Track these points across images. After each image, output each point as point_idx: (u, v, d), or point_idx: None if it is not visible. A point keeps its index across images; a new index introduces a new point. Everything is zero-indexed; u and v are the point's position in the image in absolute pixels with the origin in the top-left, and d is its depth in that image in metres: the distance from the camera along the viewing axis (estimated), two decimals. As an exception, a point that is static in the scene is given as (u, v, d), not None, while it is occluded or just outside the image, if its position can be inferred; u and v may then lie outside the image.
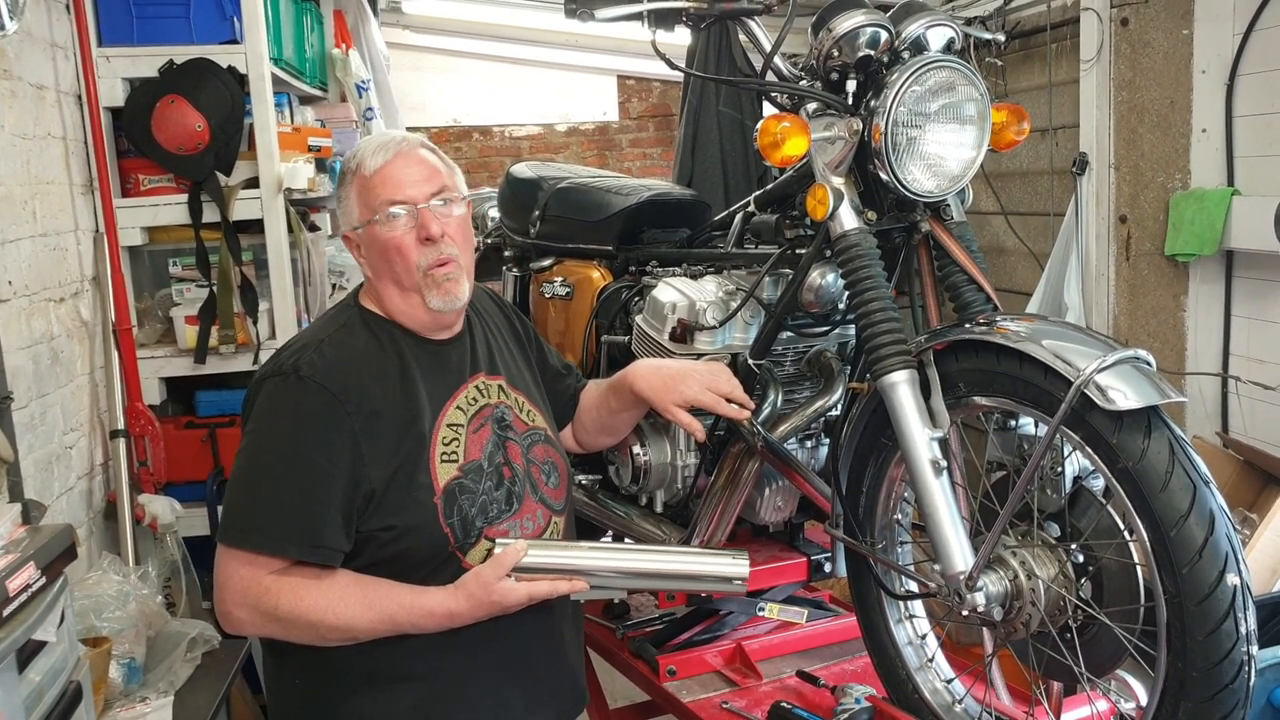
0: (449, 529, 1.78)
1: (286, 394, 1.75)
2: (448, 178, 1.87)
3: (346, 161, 1.88)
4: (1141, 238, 3.84)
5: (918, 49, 1.85)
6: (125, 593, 2.61)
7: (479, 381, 1.92)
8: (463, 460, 1.82)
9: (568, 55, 6.48)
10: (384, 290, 1.86)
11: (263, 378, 1.80)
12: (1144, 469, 1.49)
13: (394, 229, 1.81)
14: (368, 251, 1.86)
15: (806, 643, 2.51)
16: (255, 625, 1.73)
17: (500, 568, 1.72)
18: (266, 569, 1.70)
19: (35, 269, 2.85)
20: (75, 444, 3.05)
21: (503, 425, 1.91)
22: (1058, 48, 4.18)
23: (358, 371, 1.77)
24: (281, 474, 1.72)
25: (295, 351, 1.78)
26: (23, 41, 2.87)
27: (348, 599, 1.70)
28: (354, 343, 1.82)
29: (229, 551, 1.72)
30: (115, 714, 2.40)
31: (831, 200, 1.84)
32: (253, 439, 1.77)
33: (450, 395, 1.86)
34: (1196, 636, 1.46)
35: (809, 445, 2.32)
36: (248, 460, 1.77)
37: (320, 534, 1.70)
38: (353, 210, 1.86)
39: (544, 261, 2.84)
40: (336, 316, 1.90)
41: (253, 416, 1.79)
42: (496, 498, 1.84)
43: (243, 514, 1.73)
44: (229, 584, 1.72)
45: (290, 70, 3.94)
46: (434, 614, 1.73)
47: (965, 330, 1.73)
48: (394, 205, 1.80)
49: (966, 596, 1.67)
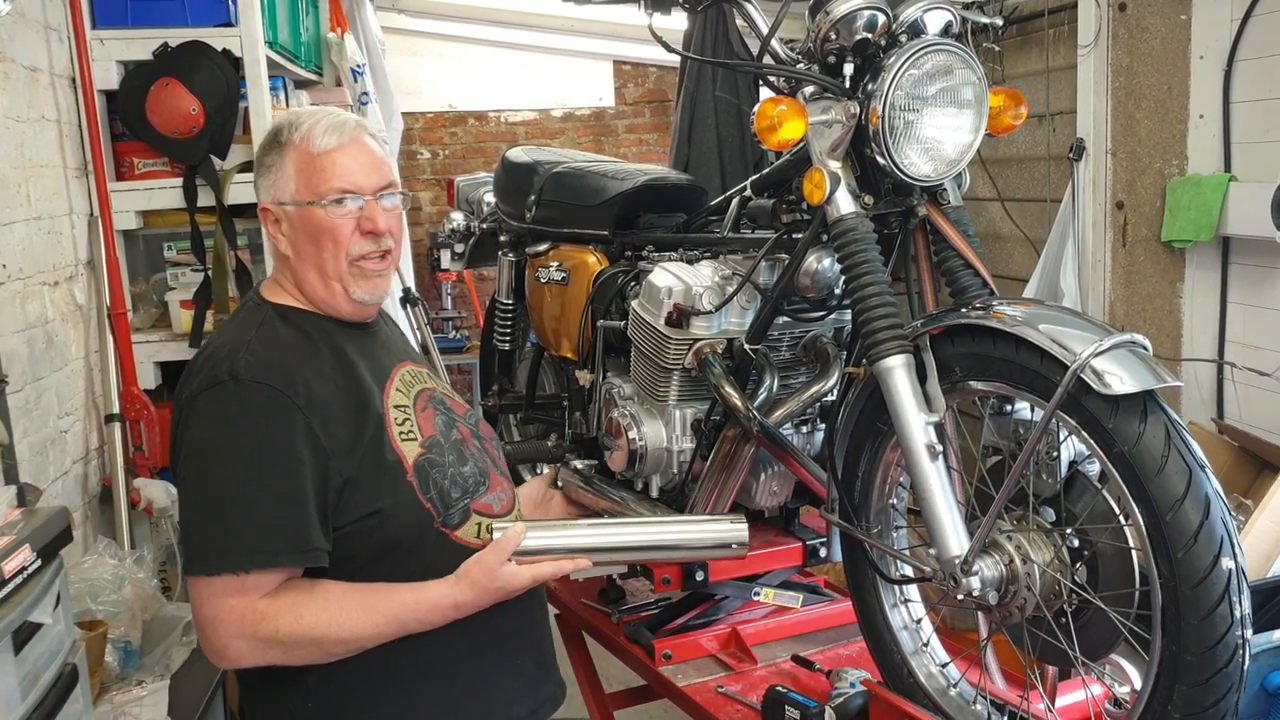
0: (430, 504, 1.73)
1: (229, 402, 1.62)
2: (390, 170, 1.82)
3: (284, 129, 1.76)
4: (1138, 224, 3.84)
5: (915, 32, 1.84)
6: (121, 577, 2.61)
7: (408, 367, 1.88)
8: (422, 437, 1.77)
9: (564, 40, 6.46)
10: (302, 274, 1.77)
11: (194, 394, 1.65)
12: (1140, 453, 1.49)
13: (335, 216, 1.73)
14: (294, 231, 1.76)
15: (802, 627, 2.52)
16: (255, 654, 1.62)
17: (501, 553, 1.69)
18: (258, 591, 1.60)
19: (29, 252, 2.84)
20: (70, 428, 3.05)
21: (445, 407, 1.88)
22: (1055, 33, 4.16)
23: (296, 364, 1.68)
24: (249, 484, 1.60)
25: (224, 358, 1.66)
26: (16, 23, 2.86)
27: (348, 608, 1.63)
28: (281, 338, 1.72)
29: (209, 582, 1.60)
30: (111, 697, 2.41)
31: (828, 184, 1.84)
32: (201, 458, 1.64)
33: (387, 377, 1.80)
34: (1191, 620, 1.46)
35: (805, 430, 2.32)
36: (201, 481, 1.64)
37: (308, 535, 1.62)
38: (287, 184, 1.75)
39: (540, 246, 2.83)
40: (249, 317, 1.78)
41: (190, 437, 1.65)
42: (464, 473, 1.81)
43: (215, 537, 1.60)
44: (219, 617, 1.60)
45: (285, 54, 3.93)
46: (439, 606, 1.68)
47: (961, 315, 1.72)
48: (346, 194, 1.73)
49: (962, 581, 1.67)
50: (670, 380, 2.29)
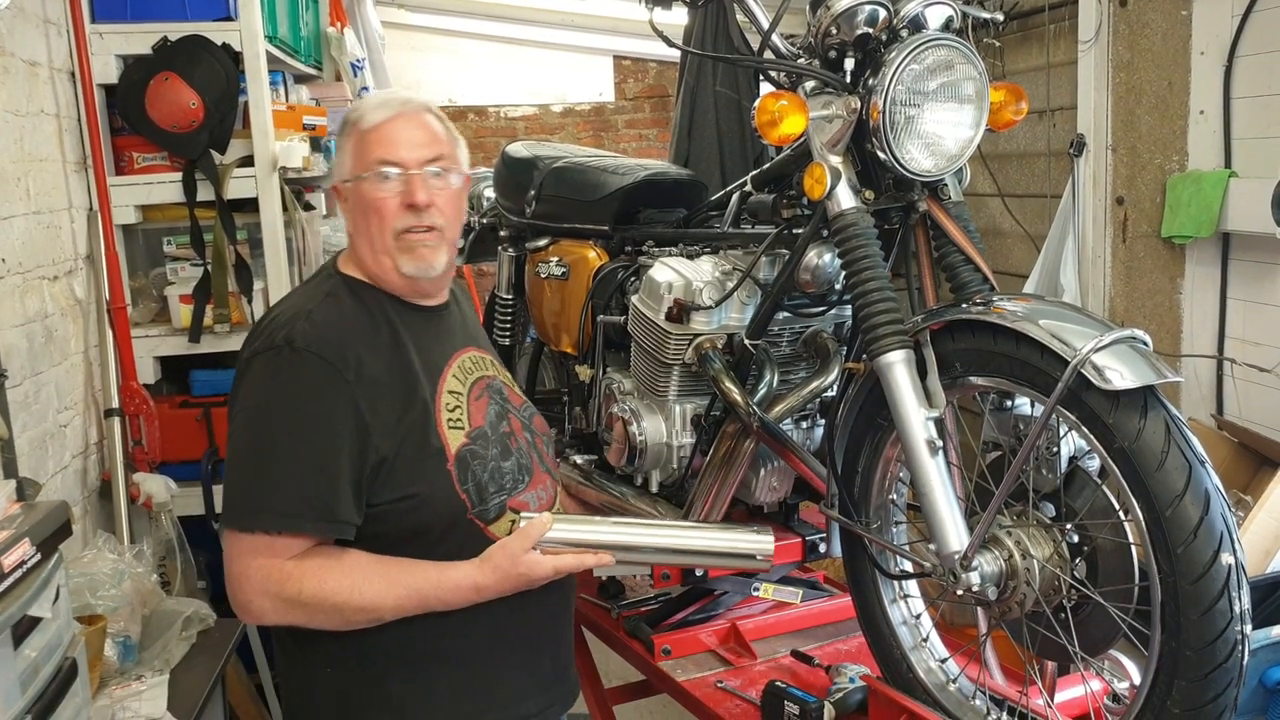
0: (465, 495, 1.75)
1: (281, 368, 1.68)
2: (447, 147, 1.82)
3: (349, 113, 1.84)
4: (1138, 219, 3.84)
5: (916, 27, 1.84)
6: (120, 571, 2.61)
7: (471, 353, 1.90)
8: (469, 427, 1.80)
9: (564, 35, 6.45)
10: (360, 249, 1.81)
11: (252, 355, 1.72)
12: (1140, 449, 1.49)
13: (379, 189, 1.75)
14: (351, 207, 1.81)
15: (801, 622, 2.52)
16: (278, 613, 1.67)
17: (526, 540, 1.71)
18: (286, 553, 1.65)
19: (29, 247, 2.84)
20: (70, 423, 3.05)
21: (501, 398, 1.90)
22: (1056, 28, 4.16)
23: (352, 339, 1.72)
24: (288, 449, 1.65)
25: (284, 324, 1.71)
26: (15, 17, 2.85)
27: (371, 578, 1.67)
28: (343, 310, 1.76)
29: (241, 539, 1.66)
30: (110, 691, 2.41)
31: (829, 179, 1.84)
32: (249, 417, 1.70)
33: (446, 362, 1.83)
34: (1191, 616, 1.46)
35: (805, 425, 2.32)
36: (247, 440, 1.70)
37: (335, 508, 1.65)
38: (345, 162, 1.81)
39: (540, 241, 2.83)
40: (319, 285, 1.83)
41: (243, 394, 1.72)
42: (505, 468, 1.82)
43: (250, 495, 1.66)
44: (247, 574, 1.66)
45: (285, 48, 3.92)
46: (460, 587, 1.70)
47: (962, 310, 1.72)
48: (385, 165, 1.75)
49: (961, 576, 1.67)
50: (670, 375, 2.29)
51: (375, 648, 1.73)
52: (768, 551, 1.83)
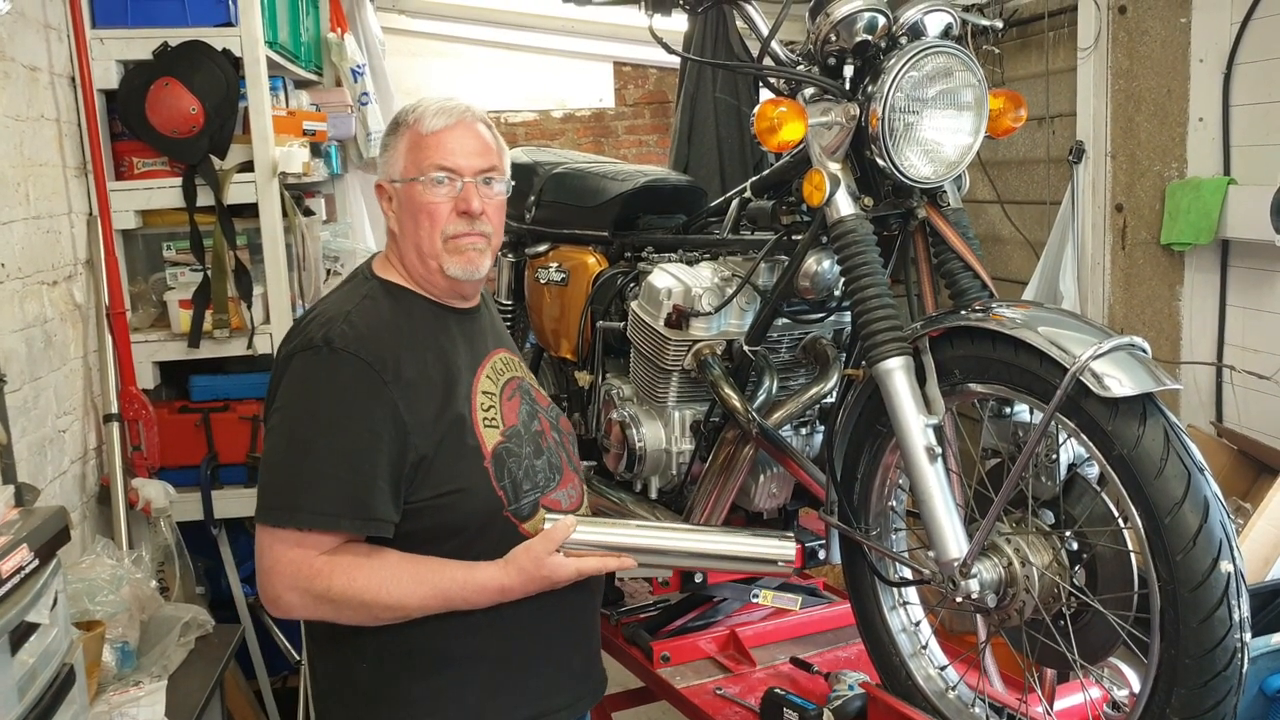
0: (502, 491, 1.78)
1: (320, 367, 1.71)
2: (498, 157, 1.87)
3: (404, 113, 1.86)
4: (1137, 227, 3.83)
5: (915, 34, 1.85)
6: (119, 577, 2.61)
7: (502, 355, 1.93)
8: (504, 426, 1.83)
9: (564, 41, 6.45)
10: (405, 250, 1.84)
11: (291, 353, 1.75)
12: (1139, 456, 1.49)
13: (433, 194, 1.80)
14: (400, 208, 1.84)
15: (800, 629, 2.52)
16: (306, 608, 1.70)
17: (551, 543, 1.74)
18: (317, 549, 1.68)
19: (28, 251, 2.84)
20: (68, 428, 3.04)
21: (530, 398, 1.94)
22: (1055, 35, 4.16)
23: (390, 341, 1.75)
24: (325, 448, 1.68)
25: (323, 324, 1.74)
26: (15, 22, 2.85)
27: (399, 576, 1.69)
28: (380, 312, 1.79)
29: (274, 533, 1.68)
30: (108, 697, 2.40)
31: (828, 186, 1.84)
32: (287, 415, 1.73)
33: (479, 363, 1.86)
34: (1190, 623, 1.46)
35: (804, 432, 2.32)
36: (284, 437, 1.72)
37: (372, 506, 1.68)
38: (397, 162, 1.83)
39: (539, 247, 2.83)
40: (356, 288, 1.86)
41: (283, 393, 1.75)
42: (538, 466, 1.86)
43: (286, 492, 1.69)
44: (277, 568, 1.68)
45: (285, 54, 3.92)
46: (486, 588, 1.73)
47: (961, 317, 1.73)
48: (441, 170, 1.79)
49: (960, 583, 1.67)
50: (669, 382, 2.29)
51: (414, 647, 1.76)
52: (789, 557, 1.84)
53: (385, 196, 1.87)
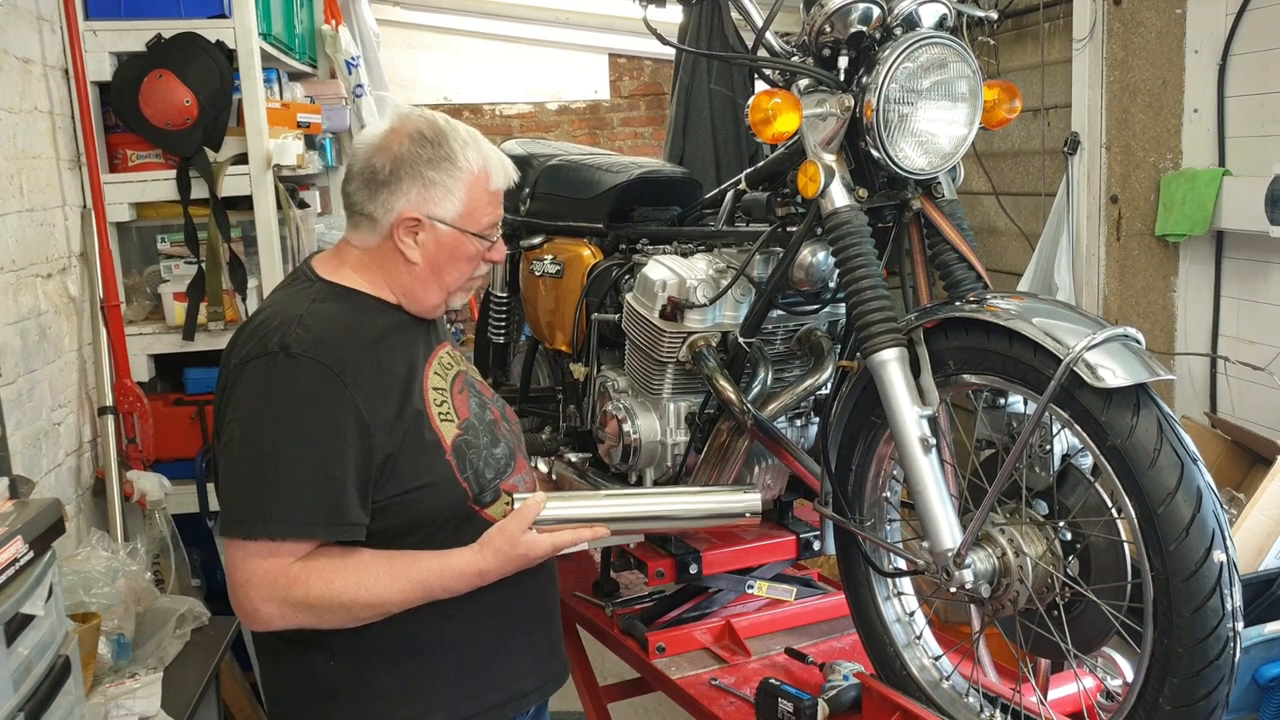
0: (466, 483, 1.79)
1: (279, 374, 1.67)
2: None
3: (459, 148, 1.79)
4: (1132, 218, 3.84)
5: (910, 25, 1.84)
6: (114, 569, 2.61)
7: (446, 349, 1.94)
8: (458, 419, 1.83)
9: (559, 33, 6.44)
10: (412, 279, 1.82)
11: (244, 361, 1.69)
12: (1132, 446, 1.49)
13: (478, 246, 1.84)
14: (438, 247, 1.80)
15: (795, 620, 2.52)
16: (285, 618, 1.67)
17: (523, 521, 1.74)
18: (291, 557, 1.65)
19: (22, 244, 2.83)
20: (63, 420, 3.04)
21: (476, 390, 1.94)
22: (1050, 27, 4.17)
23: (346, 342, 1.72)
24: (293, 455, 1.64)
25: (275, 329, 1.69)
26: (8, 14, 2.85)
27: (377, 574, 1.68)
28: (333, 314, 1.75)
29: (245, 546, 1.64)
30: (104, 689, 2.40)
31: (823, 177, 1.84)
32: (248, 425, 1.68)
33: (427, 359, 1.86)
34: (1183, 613, 1.46)
35: (799, 423, 2.32)
36: (248, 447, 1.67)
37: (344, 511, 1.66)
38: (451, 205, 1.79)
39: (534, 239, 2.82)
40: (302, 291, 1.80)
41: (238, 402, 1.69)
42: (497, 454, 1.87)
43: (256, 503, 1.65)
44: (252, 580, 1.64)
45: (279, 46, 3.91)
46: (464, 574, 1.73)
47: (955, 308, 1.73)
48: (495, 229, 1.86)
49: (954, 574, 1.67)
50: (664, 373, 2.29)
51: (379, 639, 1.75)
52: (755, 508, 1.88)
53: (419, 227, 1.79)
